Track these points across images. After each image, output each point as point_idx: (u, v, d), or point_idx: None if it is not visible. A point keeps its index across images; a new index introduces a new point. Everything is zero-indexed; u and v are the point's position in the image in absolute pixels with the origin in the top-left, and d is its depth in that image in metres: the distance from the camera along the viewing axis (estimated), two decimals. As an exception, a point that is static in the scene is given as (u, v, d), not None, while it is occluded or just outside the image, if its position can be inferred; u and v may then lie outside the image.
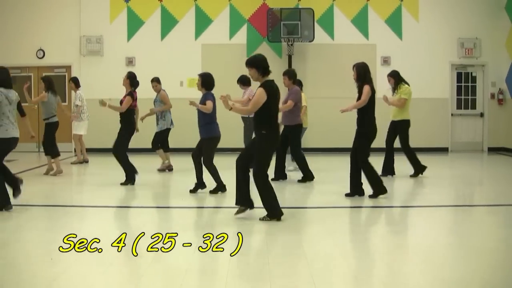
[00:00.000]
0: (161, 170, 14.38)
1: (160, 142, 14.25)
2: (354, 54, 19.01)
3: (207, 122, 11.12)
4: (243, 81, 14.81)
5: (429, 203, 10.73)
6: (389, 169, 13.38)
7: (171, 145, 14.72)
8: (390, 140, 13.40)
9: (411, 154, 13.35)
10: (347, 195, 10.84)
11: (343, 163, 15.35)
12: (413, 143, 13.48)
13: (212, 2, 19.20)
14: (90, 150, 17.08)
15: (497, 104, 19.47)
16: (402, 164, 13.59)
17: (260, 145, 8.78)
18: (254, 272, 6.43)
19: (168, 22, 19.19)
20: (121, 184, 12.30)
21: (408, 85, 13.42)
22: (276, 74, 16.97)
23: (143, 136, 14.23)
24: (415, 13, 19.28)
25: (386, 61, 18.83)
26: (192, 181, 11.37)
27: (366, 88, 10.61)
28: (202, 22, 19.19)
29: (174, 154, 15.95)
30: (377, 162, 11.78)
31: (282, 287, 5.88)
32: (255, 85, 14.95)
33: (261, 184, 8.76)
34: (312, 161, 13.92)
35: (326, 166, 14.91)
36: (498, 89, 19.41)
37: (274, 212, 8.80)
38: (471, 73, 19.71)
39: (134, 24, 19.18)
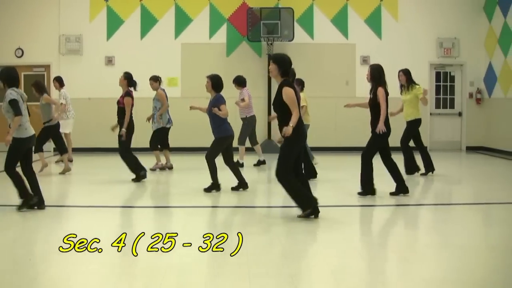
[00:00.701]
0: (153, 169, 14.39)
1: (160, 141, 14.31)
2: (334, 54, 19.17)
3: (219, 124, 11.23)
4: (239, 82, 14.85)
5: (409, 202, 10.78)
6: (429, 166, 13.56)
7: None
8: (414, 139, 13.48)
9: (409, 155, 13.41)
10: (359, 194, 10.83)
11: (323, 163, 15.42)
12: (393, 142, 13.50)
13: (192, 1, 19.18)
14: (75, 150, 16.96)
15: (475, 104, 19.62)
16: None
17: (285, 144, 8.74)
18: (234, 271, 6.43)
19: (148, 21, 19.14)
20: (133, 180, 12.59)
21: (418, 85, 13.47)
22: (256, 73, 17.15)
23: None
24: (394, 13, 19.37)
25: (365, 60, 18.89)
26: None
27: (381, 92, 10.53)
28: (182, 21, 19.17)
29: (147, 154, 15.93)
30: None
31: (261, 287, 5.90)
32: (249, 86, 15.18)
33: (287, 183, 8.74)
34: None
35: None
36: (476, 89, 19.55)
37: (309, 204, 8.82)
38: (450, 72, 19.84)
39: (114, 23, 19.11)
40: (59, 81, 15.96)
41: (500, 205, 10.57)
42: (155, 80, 14.36)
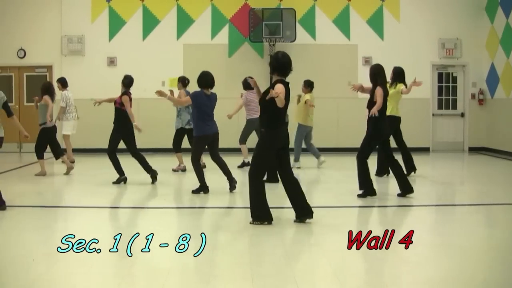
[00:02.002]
0: (175, 170, 14.42)
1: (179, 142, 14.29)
2: (336, 55, 19.15)
3: (194, 122, 11.25)
4: (247, 85, 14.67)
5: (411, 203, 10.77)
6: (385, 169, 13.34)
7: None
8: (395, 138, 13.38)
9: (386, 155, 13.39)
10: (359, 196, 10.82)
11: (324, 163, 15.41)
12: (395, 143, 13.50)
13: (194, 2, 19.18)
14: (77, 151, 16.94)
15: (478, 104, 19.60)
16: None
17: (264, 142, 8.65)
18: (237, 272, 6.43)
19: (149, 22, 19.14)
20: (113, 182, 12.51)
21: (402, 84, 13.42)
22: (258, 74, 17.12)
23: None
24: (396, 13, 19.36)
25: (367, 61, 18.86)
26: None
27: (379, 90, 10.54)
28: (184, 22, 19.16)
29: (150, 154, 15.97)
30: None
31: (264, 287, 5.90)
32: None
33: (253, 185, 8.63)
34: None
35: (304, 165, 14.94)
36: (479, 90, 19.54)
37: (262, 215, 8.66)
38: (452, 73, 19.83)
39: (116, 24, 19.11)
40: (61, 82, 15.98)
41: (502, 206, 10.57)
42: (180, 80, 14.40)
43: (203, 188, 11.23)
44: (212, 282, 6.02)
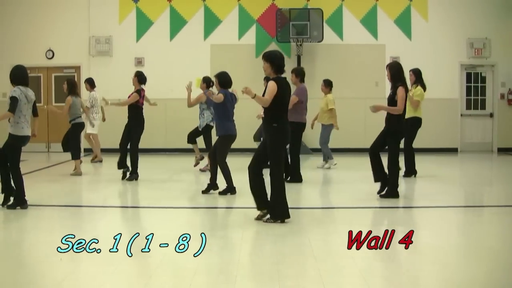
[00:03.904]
0: (199, 166, 14.43)
1: (196, 136, 14.26)
2: (363, 55, 19.07)
3: (223, 122, 11.09)
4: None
5: (438, 204, 10.69)
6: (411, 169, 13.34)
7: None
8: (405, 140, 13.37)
9: (410, 155, 13.26)
10: (380, 194, 10.75)
11: (350, 163, 15.36)
12: (422, 143, 13.45)
13: (221, 2, 19.22)
14: (104, 150, 17.06)
15: (507, 105, 19.41)
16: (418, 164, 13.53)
17: (272, 139, 8.62)
18: (263, 272, 6.42)
19: (177, 23, 19.20)
20: (127, 179, 12.74)
21: (424, 88, 13.32)
22: (286, 75, 17.01)
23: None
24: (424, 13, 19.24)
25: (395, 61, 18.74)
26: (197, 181, 11.32)
27: (401, 92, 10.43)
28: (211, 22, 19.20)
29: (177, 155, 15.99)
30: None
31: (290, 287, 5.90)
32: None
33: (276, 183, 8.62)
34: (315, 161, 13.97)
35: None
36: (508, 90, 19.35)
37: (279, 213, 8.66)
38: (481, 73, 19.66)
39: (143, 24, 19.20)
40: (90, 83, 16.12)
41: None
42: (204, 81, 14.35)
43: (230, 189, 11.18)
44: (239, 282, 6.01)
